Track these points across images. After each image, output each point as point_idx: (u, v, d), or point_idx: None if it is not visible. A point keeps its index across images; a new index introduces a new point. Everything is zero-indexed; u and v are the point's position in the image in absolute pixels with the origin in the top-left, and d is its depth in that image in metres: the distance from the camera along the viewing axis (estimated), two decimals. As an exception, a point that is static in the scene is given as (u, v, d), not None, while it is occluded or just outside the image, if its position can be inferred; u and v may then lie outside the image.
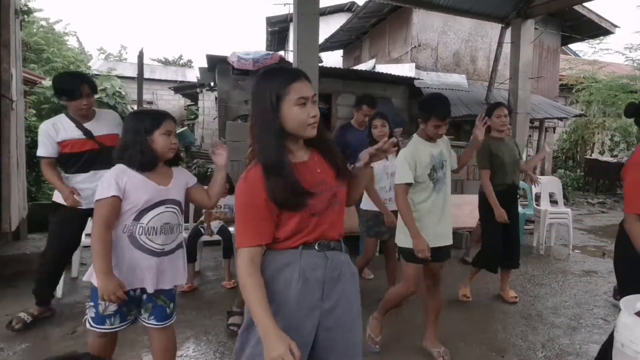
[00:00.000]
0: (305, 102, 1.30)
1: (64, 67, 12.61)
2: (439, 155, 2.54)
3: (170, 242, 1.89)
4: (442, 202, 2.55)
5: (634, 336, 1.62)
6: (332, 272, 1.37)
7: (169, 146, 1.85)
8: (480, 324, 3.19)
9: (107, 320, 1.80)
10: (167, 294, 1.91)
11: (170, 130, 1.86)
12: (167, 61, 25.46)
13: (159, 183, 1.85)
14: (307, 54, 5.11)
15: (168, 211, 1.87)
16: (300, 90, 1.29)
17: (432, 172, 2.51)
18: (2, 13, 3.72)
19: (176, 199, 1.91)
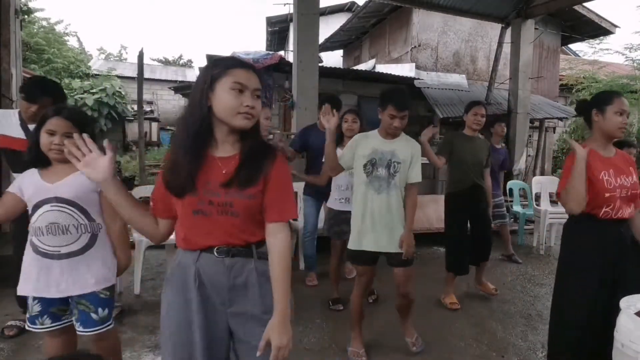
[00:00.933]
0: (242, 90, 1.23)
1: (65, 67, 12.63)
2: (387, 153, 2.42)
3: (66, 243, 1.73)
4: (385, 206, 2.40)
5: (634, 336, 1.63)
6: (234, 279, 1.30)
7: (48, 146, 1.71)
8: (480, 324, 3.19)
9: (36, 320, 1.79)
10: (89, 298, 1.76)
11: (53, 130, 1.71)
12: (167, 61, 25.46)
13: (47, 180, 1.74)
14: (307, 54, 5.12)
15: (54, 210, 1.71)
16: (238, 75, 1.23)
17: (369, 165, 2.42)
18: (2, 13, 3.72)
19: (63, 197, 1.72)
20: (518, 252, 5.24)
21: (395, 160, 2.42)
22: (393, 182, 2.41)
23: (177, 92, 14.92)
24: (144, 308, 3.24)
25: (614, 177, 2.01)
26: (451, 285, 3.54)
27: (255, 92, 1.27)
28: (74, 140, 1.29)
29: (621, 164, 2.07)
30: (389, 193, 2.41)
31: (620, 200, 2.00)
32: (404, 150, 2.46)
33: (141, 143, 7.11)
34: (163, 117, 15.84)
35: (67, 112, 1.77)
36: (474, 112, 3.46)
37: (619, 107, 2.02)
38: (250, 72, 1.27)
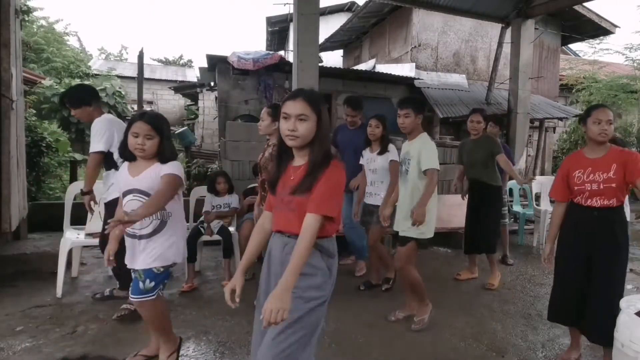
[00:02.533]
0: (287, 117, 1.59)
1: (64, 66, 12.62)
2: (406, 153, 3.01)
3: (141, 227, 2.16)
4: (403, 194, 3.01)
5: (634, 336, 1.63)
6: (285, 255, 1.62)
7: (134, 146, 2.11)
8: (480, 324, 3.19)
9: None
10: (144, 270, 2.18)
11: (137, 133, 2.10)
12: (167, 61, 25.46)
13: (131, 174, 2.18)
14: (307, 54, 5.11)
15: (135, 200, 2.15)
16: (286, 106, 1.60)
17: (402, 164, 3.06)
18: (2, 13, 3.72)
19: (142, 188, 2.15)
20: (518, 252, 5.24)
21: (408, 158, 2.96)
22: (407, 177, 2.98)
23: (177, 92, 14.94)
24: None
25: (588, 174, 2.42)
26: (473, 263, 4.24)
27: (299, 117, 1.58)
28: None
29: (603, 163, 2.40)
30: (406, 185, 2.98)
31: (589, 192, 2.41)
32: (415, 148, 2.95)
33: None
34: (163, 117, 15.82)
35: (147, 117, 2.16)
36: (470, 120, 4.05)
37: (596, 117, 2.39)
38: (297, 100, 1.60)
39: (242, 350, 2.67)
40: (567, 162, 2.60)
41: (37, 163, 6.15)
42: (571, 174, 2.50)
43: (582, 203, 2.46)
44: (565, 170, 2.54)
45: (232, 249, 3.84)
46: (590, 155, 2.48)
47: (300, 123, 1.57)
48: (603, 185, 2.38)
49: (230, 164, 5.30)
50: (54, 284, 3.41)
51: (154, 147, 2.13)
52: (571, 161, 2.56)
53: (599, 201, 2.42)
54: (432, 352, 2.73)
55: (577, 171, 2.48)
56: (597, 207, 2.42)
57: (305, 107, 1.58)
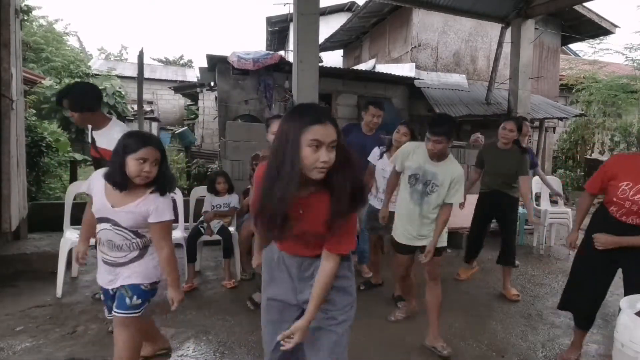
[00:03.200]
0: (319, 146, 1.32)
1: (64, 66, 12.61)
2: (429, 174, 2.62)
3: (120, 256, 1.96)
4: (418, 218, 2.68)
5: (634, 336, 1.63)
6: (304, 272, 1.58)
7: (138, 173, 1.83)
8: (480, 324, 3.19)
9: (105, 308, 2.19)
10: (131, 286, 1.98)
11: (146, 158, 1.84)
12: (167, 61, 25.47)
13: (111, 201, 1.89)
14: (307, 54, 5.11)
15: (112, 231, 1.92)
16: (316, 133, 1.32)
17: (412, 178, 2.68)
18: (2, 13, 3.71)
19: (121, 223, 1.90)
20: (518, 252, 5.22)
21: (434, 182, 2.61)
22: (426, 199, 2.64)
23: (177, 92, 14.95)
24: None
25: (635, 192, 2.22)
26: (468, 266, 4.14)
27: (331, 144, 1.35)
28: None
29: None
30: (422, 206, 2.66)
31: (627, 210, 2.27)
32: (445, 174, 2.60)
33: (141, 143, 7.09)
34: (163, 117, 15.84)
35: (155, 141, 1.92)
36: (503, 126, 3.73)
37: None
38: (327, 125, 1.34)
39: (242, 350, 2.66)
40: (617, 164, 2.37)
41: (37, 163, 6.14)
42: (617, 182, 2.28)
43: (615, 216, 2.34)
44: (612, 174, 2.34)
45: (232, 249, 3.84)
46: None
47: (331, 151, 1.35)
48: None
49: (230, 164, 5.30)
50: (54, 284, 3.41)
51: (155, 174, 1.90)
52: (623, 167, 2.32)
53: (635, 220, 2.28)
54: (432, 352, 2.73)
55: (624, 183, 2.26)
56: (632, 224, 2.29)
57: (334, 132, 1.36)
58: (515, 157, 3.70)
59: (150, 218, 1.90)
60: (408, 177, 2.69)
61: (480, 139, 5.62)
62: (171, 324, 2.98)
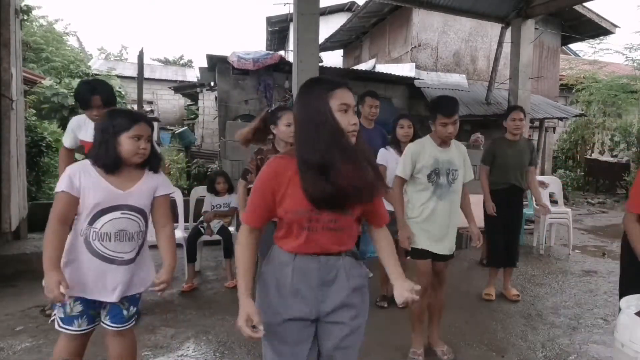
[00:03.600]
0: (347, 110, 1.32)
1: (64, 66, 12.60)
2: (446, 162, 2.51)
3: (129, 250, 1.79)
4: (447, 211, 2.52)
5: (634, 336, 1.63)
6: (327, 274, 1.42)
7: (136, 151, 1.73)
8: (480, 324, 3.19)
9: (75, 321, 1.74)
10: (128, 298, 1.84)
11: (140, 135, 1.74)
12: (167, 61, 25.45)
13: (117, 186, 1.74)
14: (307, 54, 5.11)
15: (124, 217, 1.76)
16: (342, 96, 1.31)
17: (433, 175, 2.50)
18: (2, 13, 3.72)
19: (135, 205, 1.78)
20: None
21: (453, 169, 2.53)
22: (452, 189, 2.53)
23: (177, 92, 14.94)
24: (143, 307, 3.22)
25: None
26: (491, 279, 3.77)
27: (353, 108, 1.35)
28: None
29: None
30: (450, 199, 2.54)
31: None
32: (458, 157, 2.57)
33: (141, 143, 7.10)
34: (163, 117, 15.83)
35: (146, 117, 1.84)
36: (512, 118, 3.62)
37: None
38: (347, 89, 1.35)
39: (242, 350, 2.67)
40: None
41: (37, 163, 6.14)
42: None
43: None
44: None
45: (232, 248, 3.83)
46: None
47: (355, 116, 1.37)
48: None
49: (230, 164, 5.30)
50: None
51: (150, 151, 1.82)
52: None
53: None
54: (432, 352, 2.73)
55: None
56: None
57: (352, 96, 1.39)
58: (527, 148, 3.74)
59: (158, 191, 1.85)
60: (427, 176, 2.50)
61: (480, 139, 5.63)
62: (171, 324, 2.98)
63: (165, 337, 2.79)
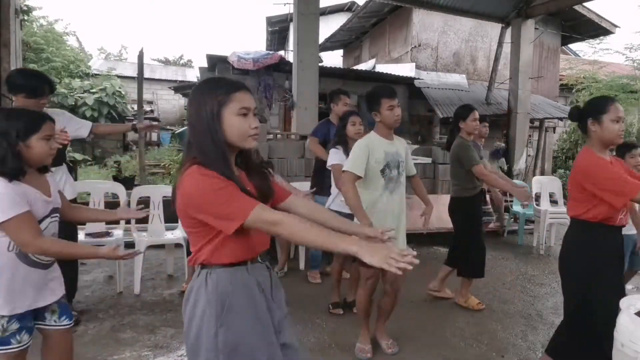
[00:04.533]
0: (247, 113, 1.29)
1: (64, 66, 12.62)
2: (394, 154, 2.50)
3: None
4: (398, 205, 2.51)
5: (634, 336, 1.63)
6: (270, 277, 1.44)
7: (49, 152, 1.66)
8: (480, 324, 3.19)
9: (12, 339, 1.61)
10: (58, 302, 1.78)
11: (50, 135, 1.66)
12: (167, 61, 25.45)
13: (43, 193, 1.67)
14: (307, 54, 5.12)
15: (54, 221, 1.73)
16: (242, 100, 1.28)
17: (386, 169, 2.47)
18: (2, 13, 3.72)
19: (58, 206, 1.76)
20: (518, 252, 5.25)
21: (400, 160, 2.54)
22: (401, 181, 2.54)
23: (177, 91, 14.93)
24: (143, 307, 3.23)
25: None
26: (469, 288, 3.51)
27: (254, 111, 1.33)
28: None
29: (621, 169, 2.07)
30: (400, 192, 2.54)
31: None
32: (402, 149, 2.61)
33: (141, 143, 7.12)
34: (163, 117, 15.83)
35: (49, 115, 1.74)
36: (473, 118, 3.38)
37: (615, 115, 1.97)
38: (246, 92, 1.32)
39: (242, 350, 2.66)
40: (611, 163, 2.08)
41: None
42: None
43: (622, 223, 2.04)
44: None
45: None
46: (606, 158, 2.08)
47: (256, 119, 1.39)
48: None
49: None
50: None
51: None
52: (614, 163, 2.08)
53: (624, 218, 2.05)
54: (432, 352, 2.73)
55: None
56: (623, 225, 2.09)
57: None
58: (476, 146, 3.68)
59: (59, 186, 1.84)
60: (381, 171, 2.44)
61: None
62: (171, 324, 2.98)
63: (165, 337, 2.79)
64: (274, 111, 8.41)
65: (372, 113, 2.51)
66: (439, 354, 2.71)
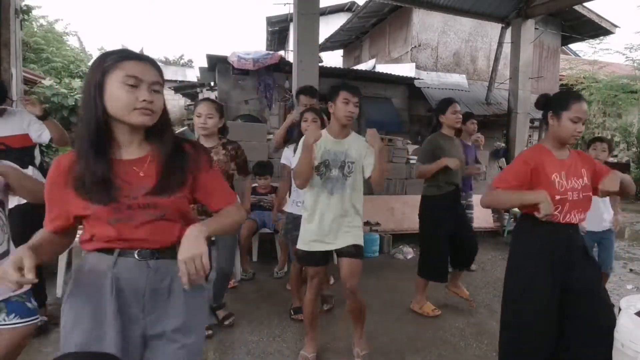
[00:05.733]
0: (137, 85, 1.13)
1: (64, 66, 12.62)
2: (339, 154, 2.33)
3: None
4: (340, 206, 2.32)
5: (634, 336, 1.63)
6: (159, 282, 1.22)
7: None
8: (480, 324, 3.19)
9: None
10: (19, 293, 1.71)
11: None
12: (167, 61, 25.44)
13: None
14: (307, 54, 5.12)
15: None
16: (131, 68, 1.13)
17: (322, 167, 2.32)
18: (2, 13, 3.72)
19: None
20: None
21: (349, 161, 2.34)
22: (347, 183, 2.34)
23: (177, 92, 14.94)
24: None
25: (566, 179, 1.93)
26: (424, 292, 3.35)
27: (153, 87, 1.18)
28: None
29: (574, 166, 1.97)
30: (343, 194, 2.34)
31: (570, 203, 1.91)
32: (356, 149, 2.37)
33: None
34: (163, 117, 15.83)
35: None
36: (452, 111, 3.20)
37: (575, 114, 1.89)
38: (145, 63, 1.17)
39: (242, 350, 2.66)
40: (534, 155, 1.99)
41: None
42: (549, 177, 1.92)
43: (559, 219, 1.92)
44: (533, 164, 1.94)
45: (232, 249, 3.83)
46: (557, 154, 1.99)
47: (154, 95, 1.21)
48: (582, 193, 1.93)
49: (230, 164, 5.30)
50: (54, 284, 3.41)
51: None
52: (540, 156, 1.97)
53: (577, 216, 1.94)
54: (432, 352, 2.73)
55: (554, 174, 1.92)
56: (574, 223, 1.96)
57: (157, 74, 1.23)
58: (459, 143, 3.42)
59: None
60: (316, 169, 2.33)
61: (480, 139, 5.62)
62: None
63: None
64: (274, 111, 8.40)
65: (327, 103, 2.37)
66: (439, 354, 2.71)
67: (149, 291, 1.21)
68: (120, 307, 1.18)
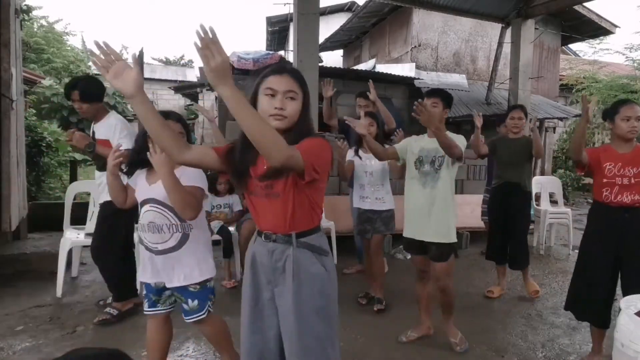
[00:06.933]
0: (274, 95, 1.38)
1: (64, 66, 12.62)
2: (432, 150, 2.63)
3: (162, 241, 1.93)
4: (431, 200, 2.61)
5: (634, 336, 1.63)
6: (275, 262, 1.47)
7: None
8: (480, 324, 3.19)
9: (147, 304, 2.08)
10: (179, 291, 1.99)
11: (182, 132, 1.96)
12: (167, 61, 25.45)
13: (149, 181, 1.96)
14: (307, 54, 5.12)
15: (151, 210, 1.93)
16: (271, 82, 1.39)
17: (418, 163, 2.68)
18: (2, 13, 3.72)
19: (159, 198, 1.90)
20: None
21: (439, 156, 2.62)
22: (438, 176, 2.62)
23: (177, 92, 14.92)
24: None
25: (619, 168, 2.44)
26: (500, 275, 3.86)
27: (287, 94, 1.39)
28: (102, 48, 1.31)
29: (634, 158, 2.43)
30: (436, 189, 2.62)
31: (619, 187, 2.43)
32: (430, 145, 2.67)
33: (141, 143, 7.11)
34: (163, 117, 15.82)
35: (175, 116, 2.00)
36: (510, 117, 3.79)
37: (624, 114, 2.40)
38: (285, 76, 1.40)
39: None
40: (598, 149, 2.58)
41: (37, 163, 6.16)
42: (602, 165, 2.49)
43: (611, 200, 2.46)
44: (597, 156, 2.51)
45: (232, 249, 3.84)
46: (619, 150, 2.49)
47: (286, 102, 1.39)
48: (634, 179, 2.42)
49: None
50: (54, 284, 3.41)
51: None
52: (603, 152, 2.54)
53: (629, 197, 2.42)
54: (432, 352, 2.73)
55: (608, 163, 2.48)
56: (627, 204, 2.42)
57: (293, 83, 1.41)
58: (527, 145, 3.72)
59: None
60: (414, 163, 2.69)
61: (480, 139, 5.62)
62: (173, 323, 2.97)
63: (165, 337, 2.78)
64: (274, 111, 8.40)
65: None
66: (439, 354, 2.71)
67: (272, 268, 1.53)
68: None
